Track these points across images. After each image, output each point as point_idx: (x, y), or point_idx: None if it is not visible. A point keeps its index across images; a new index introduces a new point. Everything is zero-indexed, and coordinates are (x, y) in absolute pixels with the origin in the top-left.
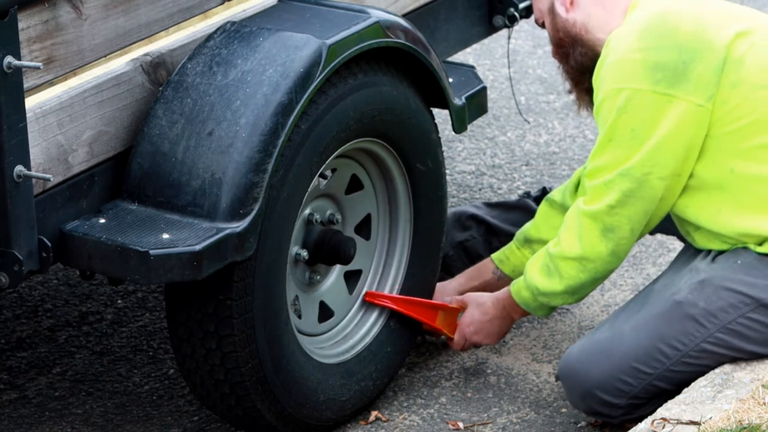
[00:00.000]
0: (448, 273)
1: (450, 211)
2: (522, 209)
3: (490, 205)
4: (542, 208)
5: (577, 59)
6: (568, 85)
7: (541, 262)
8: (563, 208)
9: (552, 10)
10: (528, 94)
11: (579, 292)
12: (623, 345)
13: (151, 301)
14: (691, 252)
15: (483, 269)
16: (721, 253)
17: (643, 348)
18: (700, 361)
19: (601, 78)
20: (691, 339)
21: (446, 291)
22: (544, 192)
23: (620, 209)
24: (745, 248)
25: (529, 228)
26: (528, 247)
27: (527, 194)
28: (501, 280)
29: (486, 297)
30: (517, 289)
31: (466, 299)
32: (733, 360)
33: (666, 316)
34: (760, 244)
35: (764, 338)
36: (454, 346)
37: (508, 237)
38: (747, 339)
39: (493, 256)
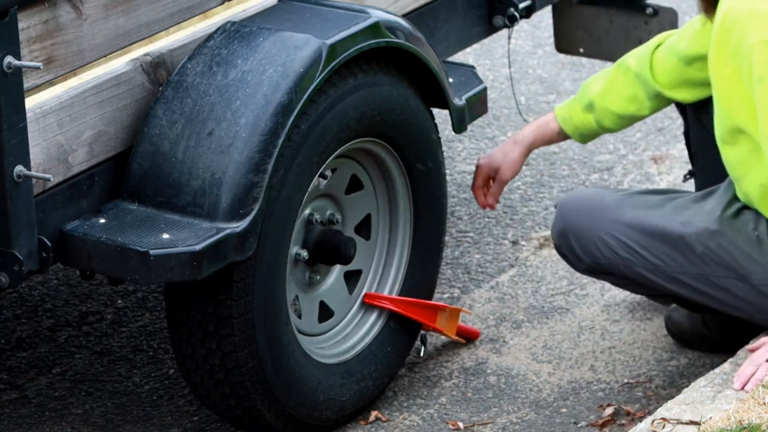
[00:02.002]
0: None
1: None
2: None
3: None
4: (614, 74)
5: None
6: None
7: None
8: (638, 79)
9: None
10: (528, 94)
11: None
12: (617, 221)
13: (151, 301)
14: (723, 193)
15: (547, 125)
16: (747, 207)
17: (628, 238)
18: (665, 281)
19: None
20: (672, 264)
21: (513, 152)
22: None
23: None
24: None
25: (594, 93)
26: (591, 112)
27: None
28: (562, 137)
29: None
30: None
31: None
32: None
33: (663, 235)
34: None
35: (733, 298)
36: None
37: None
38: (719, 290)
39: (557, 112)
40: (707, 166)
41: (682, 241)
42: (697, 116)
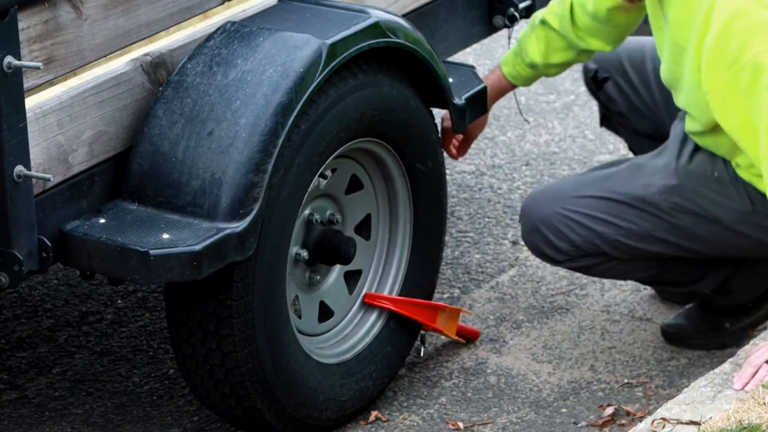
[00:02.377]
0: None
1: None
2: None
3: None
4: (541, 33)
5: None
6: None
7: None
8: (563, 36)
9: None
10: (528, 94)
11: None
12: (581, 197)
13: (151, 301)
14: (673, 143)
15: (500, 84)
16: (698, 149)
17: (597, 210)
18: (641, 243)
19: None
20: (644, 224)
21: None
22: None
23: None
24: (726, 162)
25: (534, 54)
26: (535, 69)
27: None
28: (513, 88)
29: None
30: None
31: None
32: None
33: (628, 200)
34: (739, 165)
35: (707, 244)
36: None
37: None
38: (693, 240)
39: (505, 71)
40: None
41: (647, 203)
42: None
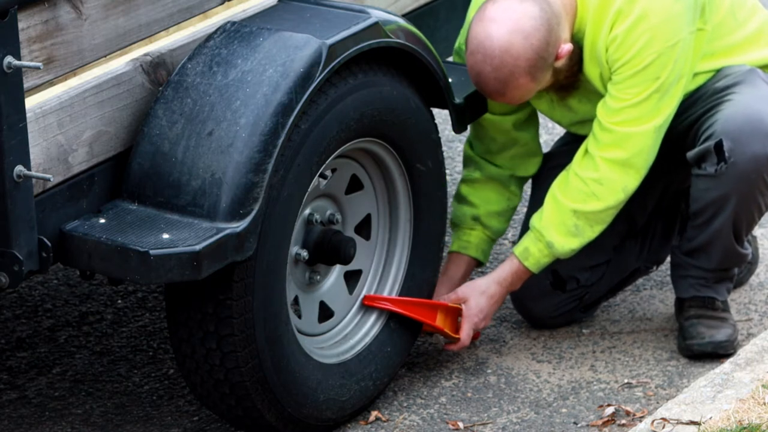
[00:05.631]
0: None
1: None
2: None
3: None
4: (467, 190)
5: (574, 68)
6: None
7: (566, 227)
8: (488, 178)
9: (541, 74)
10: None
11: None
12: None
13: (151, 301)
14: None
15: (457, 264)
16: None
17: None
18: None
19: (648, 39)
20: None
21: (440, 293)
22: None
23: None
24: None
25: (474, 209)
26: (479, 224)
27: None
28: (473, 264)
29: (486, 282)
30: (533, 257)
31: (463, 293)
32: None
33: None
34: None
35: None
36: (464, 343)
37: None
38: None
39: (453, 248)
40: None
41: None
42: None
